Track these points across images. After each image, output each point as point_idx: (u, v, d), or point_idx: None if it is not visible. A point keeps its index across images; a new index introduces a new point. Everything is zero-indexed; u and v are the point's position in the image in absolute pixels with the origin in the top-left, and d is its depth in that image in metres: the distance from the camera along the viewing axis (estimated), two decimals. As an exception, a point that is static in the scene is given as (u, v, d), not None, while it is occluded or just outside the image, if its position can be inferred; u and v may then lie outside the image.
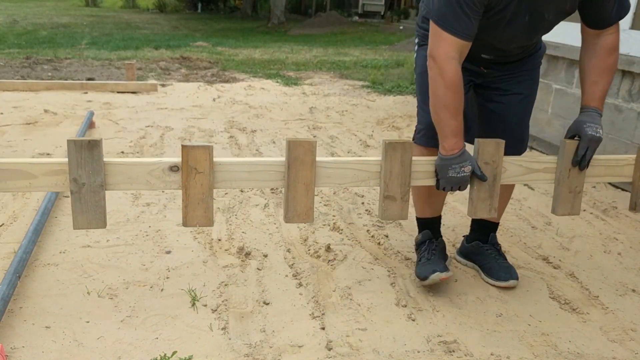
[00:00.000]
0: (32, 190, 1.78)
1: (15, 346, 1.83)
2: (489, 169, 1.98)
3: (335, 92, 6.89)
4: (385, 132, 4.95)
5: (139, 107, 5.49)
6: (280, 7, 21.09)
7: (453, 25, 1.89)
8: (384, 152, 1.90)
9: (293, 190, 1.88)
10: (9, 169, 1.71)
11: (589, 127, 1.99)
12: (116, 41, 12.08)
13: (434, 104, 1.96)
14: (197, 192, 1.81)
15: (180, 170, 1.79)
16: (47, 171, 1.73)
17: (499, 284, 2.31)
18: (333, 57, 10.89)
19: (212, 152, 1.79)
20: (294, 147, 1.83)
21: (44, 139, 4.22)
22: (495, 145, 1.96)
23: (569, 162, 2.03)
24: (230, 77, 7.66)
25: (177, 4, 29.82)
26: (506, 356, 1.90)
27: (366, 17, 24.97)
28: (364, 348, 1.91)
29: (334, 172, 1.91)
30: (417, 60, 2.29)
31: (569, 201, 2.08)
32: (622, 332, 2.08)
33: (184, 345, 1.88)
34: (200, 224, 1.85)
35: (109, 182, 1.77)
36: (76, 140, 1.70)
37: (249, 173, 1.85)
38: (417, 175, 1.97)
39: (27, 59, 8.43)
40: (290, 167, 1.85)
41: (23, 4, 27.60)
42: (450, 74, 1.89)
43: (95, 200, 1.76)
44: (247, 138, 4.54)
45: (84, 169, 1.72)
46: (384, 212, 1.96)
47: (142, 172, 1.78)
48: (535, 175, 2.06)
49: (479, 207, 2.02)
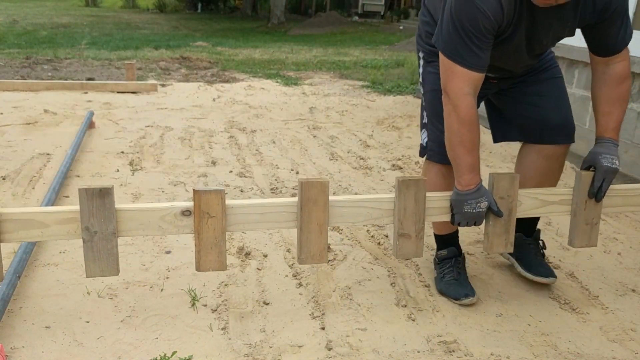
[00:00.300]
0: (44, 239, 1.78)
1: (15, 346, 1.83)
2: (505, 203, 1.96)
3: (335, 92, 6.89)
4: (385, 132, 4.95)
5: (139, 107, 5.49)
6: (280, 7, 21.09)
7: (465, 59, 1.85)
8: (398, 189, 1.88)
9: (306, 231, 1.87)
10: (21, 218, 1.71)
11: (605, 159, 1.97)
12: (116, 41, 12.08)
13: (449, 140, 1.93)
14: (210, 236, 1.81)
15: (193, 215, 1.79)
16: (59, 220, 1.73)
17: (539, 279, 2.26)
18: (333, 57, 10.89)
19: (224, 196, 1.79)
20: (307, 188, 1.82)
21: (43, 139, 4.22)
22: (510, 180, 1.95)
23: (585, 193, 2.02)
24: (230, 77, 7.66)
25: (177, 4, 29.81)
26: (506, 356, 1.90)
27: (366, 17, 24.96)
28: (364, 348, 1.91)
29: (347, 210, 1.90)
30: (425, 77, 2.25)
31: (586, 233, 2.07)
32: (622, 332, 2.08)
33: (183, 345, 1.88)
34: (213, 269, 1.85)
35: (121, 228, 1.77)
36: (87, 188, 1.70)
37: (261, 215, 1.85)
38: (432, 212, 1.95)
39: (27, 59, 8.43)
40: (303, 209, 1.84)
41: (23, 4, 27.60)
42: (465, 110, 1.87)
43: (108, 248, 1.76)
44: (247, 138, 4.54)
45: (95, 217, 1.72)
46: (398, 250, 1.94)
47: (154, 218, 1.79)
48: (551, 207, 2.05)
49: (495, 242, 2.00)
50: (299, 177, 3.49)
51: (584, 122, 4.03)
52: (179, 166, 3.74)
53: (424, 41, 2.23)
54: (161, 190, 3.28)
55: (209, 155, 4.00)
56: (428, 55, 2.22)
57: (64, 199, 3.06)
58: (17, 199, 3.06)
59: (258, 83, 7.31)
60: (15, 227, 1.71)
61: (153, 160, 3.83)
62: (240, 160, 3.93)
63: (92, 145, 4.13)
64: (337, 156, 4.13)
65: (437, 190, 2.21)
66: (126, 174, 3.53)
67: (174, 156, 3.95)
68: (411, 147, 4.45)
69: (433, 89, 2.17)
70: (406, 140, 4.69)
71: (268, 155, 4.08)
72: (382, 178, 3.68)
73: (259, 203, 1.86)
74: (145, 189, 3.29)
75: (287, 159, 4.03)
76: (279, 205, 1.87)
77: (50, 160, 3.73)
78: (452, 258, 2.31)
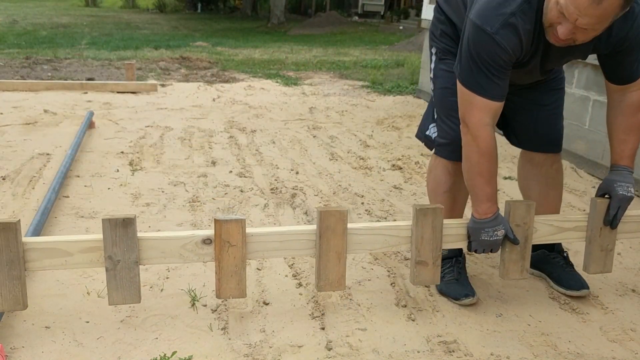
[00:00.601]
0: (68, 268, 1.81)
1: (15, 346, 1.83)
2: (521, 230, 1.98)
3: (335, 92, 6.89)
4: (385, 132, 4.95)
5: (139, 107, 5.49)
6: (280, 7, 21.09)
7: (485, 89, 1.86)
8: (415, 217, 1.90)
9: (325, 259, 1.89)
10: (45, 247, 1.74)
11: (620, 187, 1.99)
12: (116, 41, 12.08)
13: (468, 170, 1.96)
14: (230, 264, 1.84)
15: (213, 243, 1.82)
16: (82, 249, 1.77)
17: (571, 293, 2.25)
18: (333, 57, 10.89)
19: (245, 225, 1.81)
20: (325, 217, 1.84)
21: (43, 139, 4.22)
22: (526, 208, 1.97)
23: (600, 221, 2.04)
24: (230, 77, 7.66)
25: (177, 4, 29.82)
26: (506, 356, 1.90)
27: (366, 17, 24.97)
28: (364, 348, 1.90)
29: (365, 238, 1.92)
30: (436, 73, 2.26)
31: (601, 259, 2.09)
32: (622, 332, 2.08)
33: (183, 345, 1.88)
34: (233, 296, 1.87)
35: (143, 257, 1.80)
36: (111, 218, 1.73)
37: (280, 243, 1.88)
38: (448, 239, 1.98)
39: (27, 59, 8.43)
40: (322, 237, 1.86)
41: (23, 4, 27.60)
42: (485, 142, 1.89)
43: (130, 276, 1.79)
44: (247, 138, 4.54)
45: (119, 247, 1.75)
46: (415, 277, 1.97)
47: (176, 246, 1.82)
48: (566, 234, 2.07)
49: (511, 268, 2.02)
50: (296, 176, 3.48)
51: (584, 122, 4.04)
52: (179, 166, 3.74)
53: (438, 39, 2.24)
54: (161, 191, 3.28)
55: (209, 155, 4.00)
56: (442, 53, 2.23)
57: (63, 199, 3.06)
58: (16, 199, 3.06)
59: (258, 83, 7.31)
60: (40, 256, 1.75)
61: (153, 160, 3.83)
62: (240, 160, 3.93)
63: (92, 145, 4.13)
64: (337, 156, 4.13)
65: (443, 185, 2.25)
66: (126, 174, 3.53)
67: (173, 156, 3.95)
68: (411, 147, 4.45)
69: (444, 86, 2.19)
70: (406, 140, 4.69)
71: (268, 155, 4.08)
72: (382, 178, 3.68)
73: (278, 231, 1.90)
74: (145, 189, 3.29)
75: (287, 159, 4.03)
76: (297, 233, 1.90)
77: (50, 160, 3.73)
78: (453, 258, 2.31)
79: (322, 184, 3.51)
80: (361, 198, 3.31)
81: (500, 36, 1.79)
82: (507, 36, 1.79)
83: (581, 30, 1.71)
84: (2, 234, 1.68)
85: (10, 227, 1.68)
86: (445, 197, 2.26)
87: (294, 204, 3.17)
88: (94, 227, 2.74)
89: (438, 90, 2.25)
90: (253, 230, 1.86)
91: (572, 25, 1.70)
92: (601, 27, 1.71)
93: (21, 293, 1.75)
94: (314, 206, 3.14)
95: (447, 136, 2.20)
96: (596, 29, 1.71)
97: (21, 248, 1.72)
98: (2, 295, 1.74)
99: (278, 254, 1.92)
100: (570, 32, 1.72)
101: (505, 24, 1.78)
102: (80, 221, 2.81)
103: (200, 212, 2.98)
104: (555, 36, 1.79)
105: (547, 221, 2.04)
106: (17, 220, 1.70)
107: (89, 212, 2.93)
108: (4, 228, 1.68)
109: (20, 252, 1.72)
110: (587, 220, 2.07)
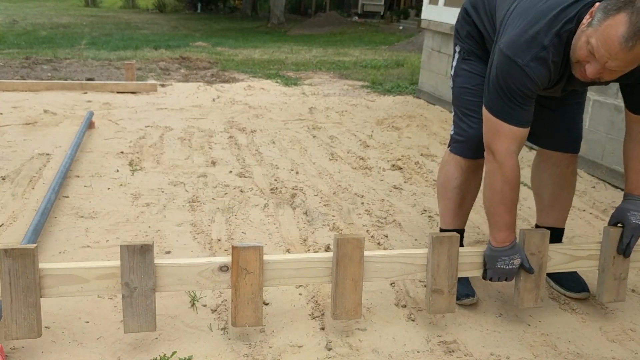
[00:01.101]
0: (84, 295, 1.81)
1: (15, 346, 1.83)
2: (535, 259, 1.99)
3: (334, 92, 6.89)
4: (385, 132, 4.95)
5: (139, 107, 5.49)
6: (280, 7, 21.09)
7: (513, 117, 1.87)
8: (431, 246, 1.90)
9: (341, 287, 1.89)
10: (62, 274, 1.73)
11: (633, 216, 1.99)
12: (116, 41, 12.08)
13: (490, 198, 1.96)
14: (247, 292, 1.83)
15: (230, 271, 1.81)
16: (98, 275, 1.76)
17: (571, 295, 2.28)
18: (333, 57, 10.89)
19: (262, 253, 1.81)
20: (343, 244, 1.84)
21: (43, 139, 4.22)
22: (540, 236, 1.97)
23: (613, 249, 2.05)
24: (229, 78, 7.66)
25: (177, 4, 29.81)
26: (506, 356, 1.90)
27: (366, 17, 24.96)
28: (364, 348, 1.91)
29: (382, 266, 1.92)
30: (458, 71, 2.27)
31: (614, 288, 2.10)
32: (622, 332, 2.08)
33: (183, 345, 1.88)
34: (249, 324, 1.86)
35: (160, 284, 1.79)
36: (129, 245, 1.72)
37: (297, 270, 1.88)
38: (464, 267, 1.98)
39: (27, 59, 8.43)
40: (339, 264, 1.86)
41: (23, 4, 27.60)
42: (510, 171, 1.89)
43: (147, 304, 1.78)
44: (246, 138, 4.54)
45: (136, 274, 1.74)
46: (431, 305, 1.97)
47: (192, 273, 1.81)
48: (579, 262, 2.08)
49: (526, 297, 2.02)
50: (296, 176, 3.48)
51: (584, 122, 4.03)
52: (179, 166, 3.74)
53: (463, 39, 2.26)
54: (161, 191, 3.28)
55: (209, 156, 4.00)
56: (466, 53, 2.25)
57: (63, 199, 3.06)
58: (16, 199, 3.06)
59: (258, 83, 7.31)
60: (56, 282, 1.74)
61: (153, 161, 3.83)
62: (240, 161, 3.93)
63: (92, 145, 4.13)
64: (337, 156, 4.14)
65: (453, 181, 2.26)
66: (126, 174, 3.53)
67: (173, 156, 3.95)
68: (411, 147, 4.45)
69: (463, 85, 2.23)
70: (406, 140, 4.69)
71: (268, 156, 4.08)
72: (382, 178, 3.68)
73: (295, 258, 1.90)
74: (145, 189, 3.29)
75: (286, 159, 4.03)
76: (314, 261, 1.90)
77: (50, 161, 3.73)
78: None
79: (322, 184, 3.51)
80: (361, 198, 3.31)
81: (530, 69, 1.80)
82: (537, 69, 1.81)
83: (609, 71, 1.72)
84: (20, 260, 1.66)
85: (28, 253, 1.66)
86: (454, 192, 2.28)
87: (294, 204, 3.17)
88: (93, 227, 2.74)
89: (457, 88, 2.28)
90: (270, 258, 1.85)
91: (600, 66, 1.71)
92: (629, 69, 1.72)
93: (36, 320, 1.72)
94: (314, 206, 3.14)
95: (464, 134, 2.22)
96: (624, 71, 1.73)
97: (37, 275, 1.70)
98: (17, 323, 1.71)
99: (294, 282, 1.92)
100: (598, 72, 1.73)
101: (536, 57, 1.80)
102: (80, 221, 2.81)
103: (200, 212, 2.98)
104: (582, 73, 1.79)
105: (560, 250, 2.05)
106: (35, 247, 1.68)
107: (88, 212, 2.93)
108: (22, 254, 1.66)
109: (36, 279, 1.70)
110: (600, 249, 2.08)
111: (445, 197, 2.33)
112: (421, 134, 4.91)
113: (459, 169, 2.26)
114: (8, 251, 1.66)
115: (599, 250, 2.08)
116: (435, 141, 4.71)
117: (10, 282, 1.68)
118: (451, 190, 2.29)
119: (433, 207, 3.22)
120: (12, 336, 1.72)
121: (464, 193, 2.29)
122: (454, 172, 2.27)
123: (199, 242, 2.64)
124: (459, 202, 2.30)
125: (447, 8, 6.13)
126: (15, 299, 1.69)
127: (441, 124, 5.33)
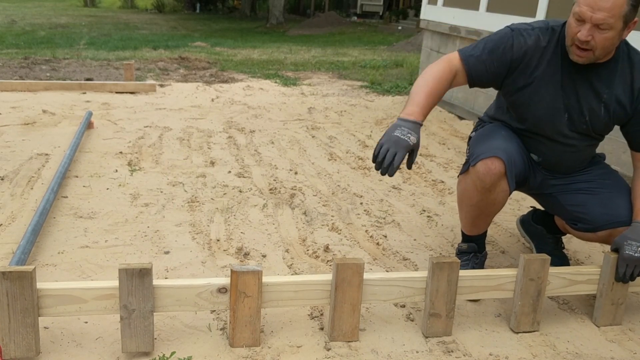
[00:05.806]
0: (81, 314, 1.81)
1: (13, 347, 1.82)
2: (534, 285, 1.98)
3: (333, 92, 6.89)
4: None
5: (138, 108, 5.49)
6: (279, 8, 21.10)
7: (466, 50, 2.14)
8: (431, 271, 1.91)
9: (339, 311, 1.89)
10: (60, 294, 1.73)
11: (629, 246, 1.99)
12: (114, 41, 12.07)
13: (419, 79, 2.13)
14: (245, 314, 1.83)
15: (229, 293, 1.82)
16: (97, 296, 1.76)
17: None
18: (332, 57, 10.90)
19: (262, 277, 1.81)
20: (342, 269, 1.84)
21: (42, 140, 4.22)
22: (541, 263, 1.97)
23: (612, 275, 2.05)
24: (228, 78, 7.66)
25: (176, 4, 29.81)
26: (505, 356, 1.90)
27: (365, 17, 24.99)
28: (363, 348, 1.91)
29: (380, 289, 1.92)
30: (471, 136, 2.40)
31: (611, 313, 2.10)
32: (621, 332, 2.08)
33: (182, 345, 1.88)
34: (246, 345, 1.87)
35: (158, 305, 1.79)
36: (127, 269, 1.72)
37: (295, 292, 1.88)
38: (463, 291, 1.98)
39: (26, 59, 8.42)
40: (338, 289, 1.86)
41: (21, 4, 27.58)
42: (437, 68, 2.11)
43: (145, 325, 1.78)
44: (245, 138, 4.54)
45: (134, 296, 1.74)
46: (428, 329, 1.97)
47: (191, 295, 1.81)
48: (578, 287, 2.08)
49: (522, 321, 2.02)
50: (295, 176, 3.48)
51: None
52: (178, 166, 3.74)
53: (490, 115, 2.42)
54: (160, 191, 3.28)
55: (208, 156, 4.00)
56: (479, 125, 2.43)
57: (62, 200, 3.06)
58: (15, 199, 3.06)
59: (257, 83, 7.31)
60: (54, 302, 1.74)
61: (152, 161, 3.83)
62: (239, 161, 3.93)
63: (91, 145, 4.12)
64: (336, 156, 4.14)
65: (471, 199, 2.23)
66: (125, 174, 3.53)
67: (172, 156, 3.95)
68: (410, 147, 4.45)
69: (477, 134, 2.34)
70: (405, 140, 4.68)
71: (267, 156, 4.08)
72: (381, 178, 3.68)
73: (293, 280, 1.90)
74: (144, 189, 3.28)
75: (285, 159, 4.03)
76: (313, 283, 1.90)
77: (49, 161, 3.73)
78: (471, 253, 2.38)
79: (321, 184, 3.52)
80: (360, 198, 3.31)
81: (516, 32, 2.11)
82: (522, 35, 2.10)
83: (598, 30, 1.90)
84: (18, 282, 1.66)
85: (26, 275, 1.66)
86: (471, 209, 2.27)
87: (293, 204, 3.17)
88: (92, 228, 2.74)
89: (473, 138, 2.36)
90: (269, 280, 1.86)
91: (589, 24, 1.90)
92: (614, 22, 1.89)
93: (34, 340, 1.72)
94: (313, 206, 3.14)
95: (475, 153, 2.22)
96: (610, 25, 1.89)
97: (35, 296, 1.70)
98: (15, 343, 1.71)
99: (293, 303, 1.93)
100: (589, 32, 1.91)
101: (525, 30, 2.11)
102: (78, 221, 2.81)
103: (199, 213, 2.98)
104: (576, 48, 1.97)
105: (560, 274, 2.05)
106: (33, 269, 1.67)
107: (87, 212, 2.93)
108: (20, 276, 1.66)
109: (34, 300, 1.70)
110: (600, 274, 2.08)
111: (462, 211, 2.34)
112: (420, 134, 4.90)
113: (474, 188, 2.23)
114: (6, 274, 1.65)
115: (598, 275, 2.09)
116: (434, 141, 4.71)
117: (8, 303, 1.68)
118: (468, 207, 2.30)
119: (432, 207, 3.22)
120: (11, 355, 1.73)
121: (481, 210, 2.26)
122: (471, 190, 2.24)
123: (197, 242, 2.64)
124: (476, 213, 2.29)
125: (446, 8, 6.13)
126: (13, 319, 1.70)
127: (440, 124, 5.34)
